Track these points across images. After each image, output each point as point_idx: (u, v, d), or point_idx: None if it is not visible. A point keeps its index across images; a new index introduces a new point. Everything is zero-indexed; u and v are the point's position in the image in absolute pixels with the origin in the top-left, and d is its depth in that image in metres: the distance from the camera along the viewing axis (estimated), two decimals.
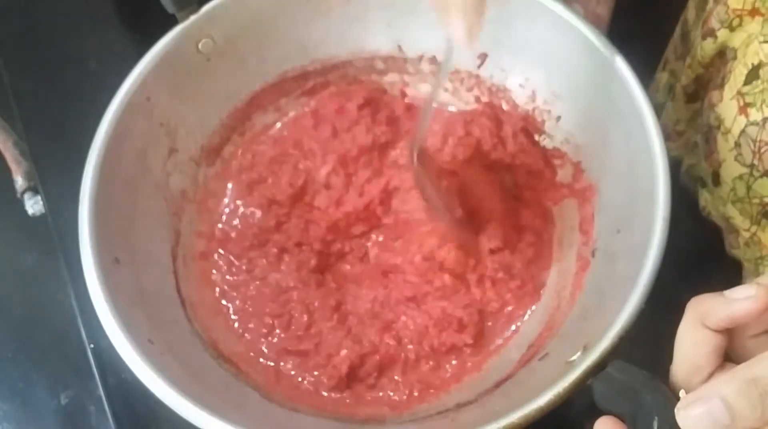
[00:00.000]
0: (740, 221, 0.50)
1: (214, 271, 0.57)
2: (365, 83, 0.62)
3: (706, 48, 0.52)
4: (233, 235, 0.58)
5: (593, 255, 0.52)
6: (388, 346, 0.53)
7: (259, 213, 0.58)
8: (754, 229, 0.50)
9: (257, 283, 0.56)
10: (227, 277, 0.57)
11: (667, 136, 0.47)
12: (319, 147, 0.59)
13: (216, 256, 0.57)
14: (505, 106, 0.60)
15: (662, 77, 0.61)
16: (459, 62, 0.60)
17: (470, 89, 0.61)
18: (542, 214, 0.57)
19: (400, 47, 0.61)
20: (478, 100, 0.61)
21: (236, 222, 0.59)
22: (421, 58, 0.61)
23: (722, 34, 0.50)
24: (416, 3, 0.57)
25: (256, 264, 0.57)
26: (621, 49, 0.51)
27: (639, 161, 0.48)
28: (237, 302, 0.56)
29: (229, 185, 0.60)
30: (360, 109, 0.59)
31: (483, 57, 0.60)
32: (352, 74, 0.62)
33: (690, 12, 0.57)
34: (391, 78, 0.63)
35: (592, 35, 0.52)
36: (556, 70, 0.57)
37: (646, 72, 0.62)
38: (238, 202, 0.59)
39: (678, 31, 0.59)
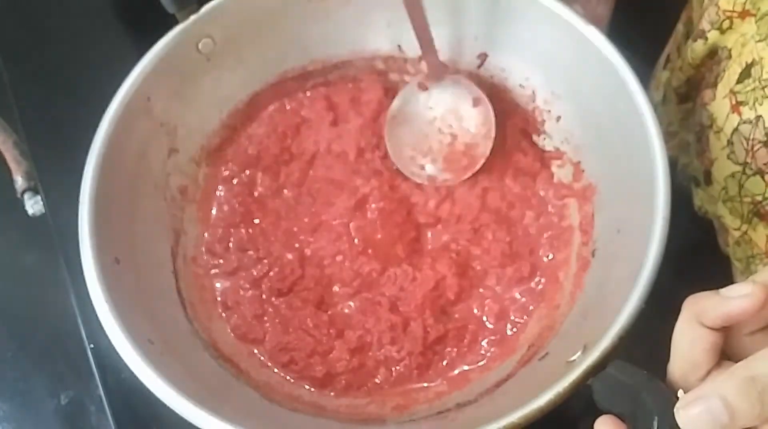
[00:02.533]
0: (730, 220, 0.50)
1: (213, 271, 0.57)
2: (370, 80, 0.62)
3: (697, 49, 0.52)
4: (225, 230, 0.58)
5: (593, 255, 0.52)
6: (387, 346, 0.53)
7: (246, 200, 0.59)
8: (744, 227, 0.50)
9: (253, 281, 0.56)
10: (226, 275, 0.57)
11: None
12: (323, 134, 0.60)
13: (215, 255, 0.57)
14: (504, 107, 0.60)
15: (663, 75, 0.61)
16: (460, 62, 0.61)
17: None
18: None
19: (400, 47, 0.61)
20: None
21: (228, 216, 0.59)
22: (421, 58, 0.61)
23: (712, 35, 0.50)
24: None
25: (247, 260, 0.57)
26: (621, 49, 0.51)
27: (639, 161, 0.48)
28: (236, 301, 0.56)
29: (223, 174, 0.60)
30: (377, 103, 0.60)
31: (483, 57, 0.60)
32: (352, 74, 0.62)
33: (695, 10, 0.57)
34: (391, 78, 0.63)
35: (592, 35, 0.52)
36: (556, 70, 0.57)
37: (646, 72, 0.62)
38: (227, 191, 0.59)
39: (681, 29, 0.59)
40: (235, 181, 0.59)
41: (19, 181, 0.63)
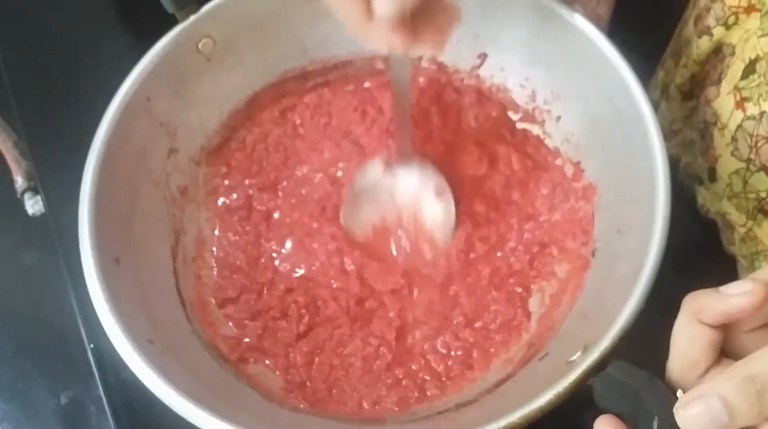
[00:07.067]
0: (736, 217, 0.51)
1: (212, 271, 0.57)
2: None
3: (702, 46, 0.52)
4: (229, 231, 0.58)
5: (593, 255, 0.52)
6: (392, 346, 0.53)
7: (250, 203, 0.59)
8: (749, 224, 0.50)
9: (254, 281, 0.56)
10: (225, 276, 0.57)
11: (663, 136, 0.47)
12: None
13: (214, 254, 0.57)
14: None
15: (658, 75, 0.62)
16: (460, 62, 0.61)
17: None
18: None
19: None
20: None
21: (231, 217, 0.59)
22: (421, 57, 0.61)
23: (718, 31, 0.50)
24: None
25: (250, 261, 0.57)
26: (621, 49, 0.51)
27: (639, 161, 0.48)
28: (236, 301, 0.56)
29: (226, 182, 0.60)
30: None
31: (483, 57, 0.60)
32: (352, 74, 0.62)
33: (688, 10, 0.57)
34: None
35: (592, 35, 0.52)
36: (556, 70, 0.57)
37: (646, 72, 0.62)
38: (232, 196, 0.59)
39: (678, 30, 0.59)
40: (235, 195, 0.59)
41: (19, 181, 0.63)
